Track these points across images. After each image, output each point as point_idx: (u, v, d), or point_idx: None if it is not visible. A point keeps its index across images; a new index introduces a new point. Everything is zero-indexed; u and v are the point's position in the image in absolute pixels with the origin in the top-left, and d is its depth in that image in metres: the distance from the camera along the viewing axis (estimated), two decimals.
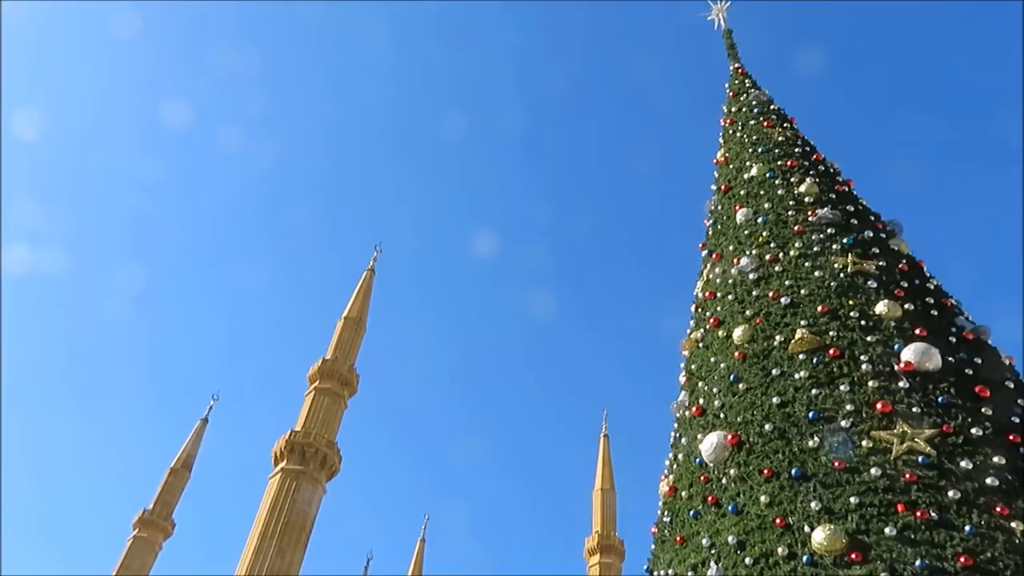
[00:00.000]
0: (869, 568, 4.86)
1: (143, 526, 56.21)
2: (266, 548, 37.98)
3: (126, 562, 54.45)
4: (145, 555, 55.33)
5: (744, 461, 6.15)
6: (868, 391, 6.03)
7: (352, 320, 50.68)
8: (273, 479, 41.52)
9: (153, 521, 56.54)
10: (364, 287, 53.29)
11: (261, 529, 38.86)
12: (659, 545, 6.72)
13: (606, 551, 54.48)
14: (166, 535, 57.60)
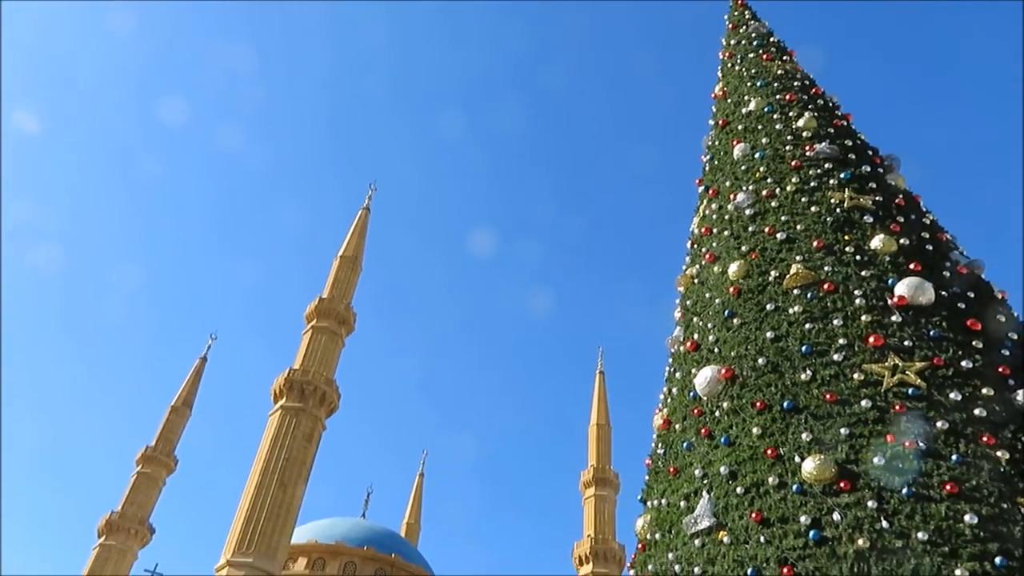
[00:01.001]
0: (857, 496, 4.98)
1: (146, 462, 57.15)
2: (268, 483, 38.69)
3: (130, 497, 55.55)
4: (149, 490, 56.40)
5: (737, 394, 6.24)
6: (861, 325, 6.08)
7: (348, 259, 50.60)
8: (273, 416, 42.05)
9: (156, 457, 57.46)
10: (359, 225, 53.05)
11: (262, 465, 39.52)
12: (653, 476, 6.86)
13: (601, 484, 55.67)
14: (169, 471, 58.62)
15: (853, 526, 4.82)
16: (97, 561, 52.50)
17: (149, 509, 56.18)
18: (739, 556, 5.15)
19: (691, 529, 5.65)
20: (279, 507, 38.23)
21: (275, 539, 37.47)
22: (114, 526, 53.62)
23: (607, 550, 52.19)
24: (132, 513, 54.55)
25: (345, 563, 48.61)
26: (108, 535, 53.44)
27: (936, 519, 4.69)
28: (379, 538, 52.46)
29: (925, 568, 4.48)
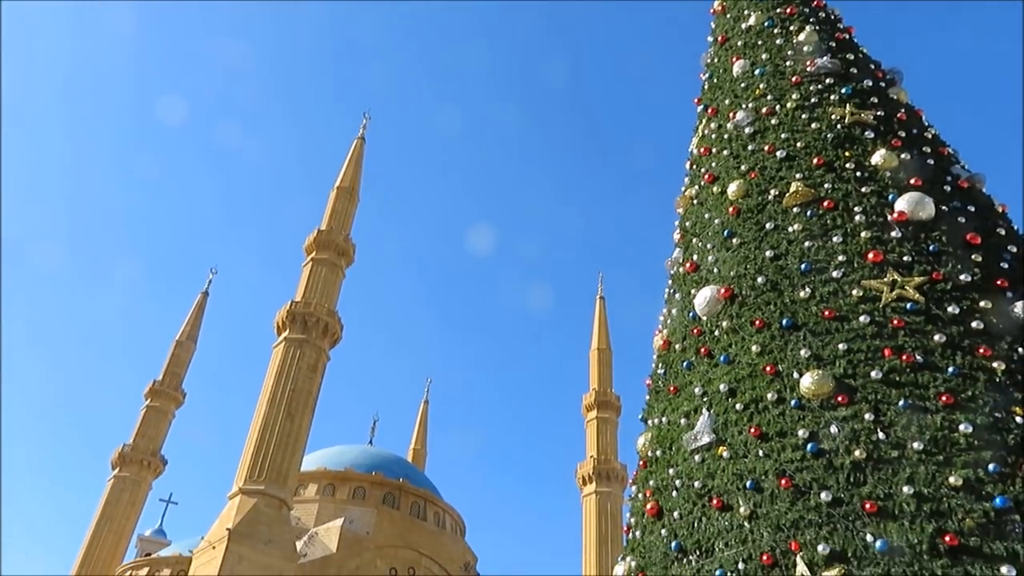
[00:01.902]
0: (854, 409, 5.07)
1: (154, 396, 58.07)
2: (275, 413, 39.37)
3: (141, 430, 56.64)
4: (159, 423, 57.48)
5: (736, 313, 6.28)
6: (860, 241, 6.07)
7: (345, 190, 50.25)
8: (277, 348, 42.47)
9: (164, 391, 58.36)
10: (355, 156, 52.49)
11: (269, 396, 40.13)
12: (653, 396, 6.97)
13: (603, 406, 56.67)
14: (177, 404, 59.62)
15: (850, 438, 4.92)
16: (113, 492, 53.89)
17: (160, 441, 57.35)
18: (738, 470, 5.27)
19: (691, 445, 5.77)
20: (287, 436, 39.00)
21: (285, 467, 38.35)
22: (127, 458, 54.83)
23: (609, 470, 53.49)
24: (144, 445, 55.71)
25: (354, 488, 49.87)
26: (122, 467, 54.71)
27: (932, 429, 4.78)
28: (386, 464, 53.69)
29: (920, 476, 4.59)
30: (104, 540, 51.83)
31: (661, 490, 5.90)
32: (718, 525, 5.15)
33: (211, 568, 34.35)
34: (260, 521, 35.97)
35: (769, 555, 4.69)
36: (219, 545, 34.73)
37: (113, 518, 52.73)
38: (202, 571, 35.15)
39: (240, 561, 34.35)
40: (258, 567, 34.78)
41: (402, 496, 50.61)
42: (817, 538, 4.57)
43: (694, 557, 5.19)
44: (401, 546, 46.99)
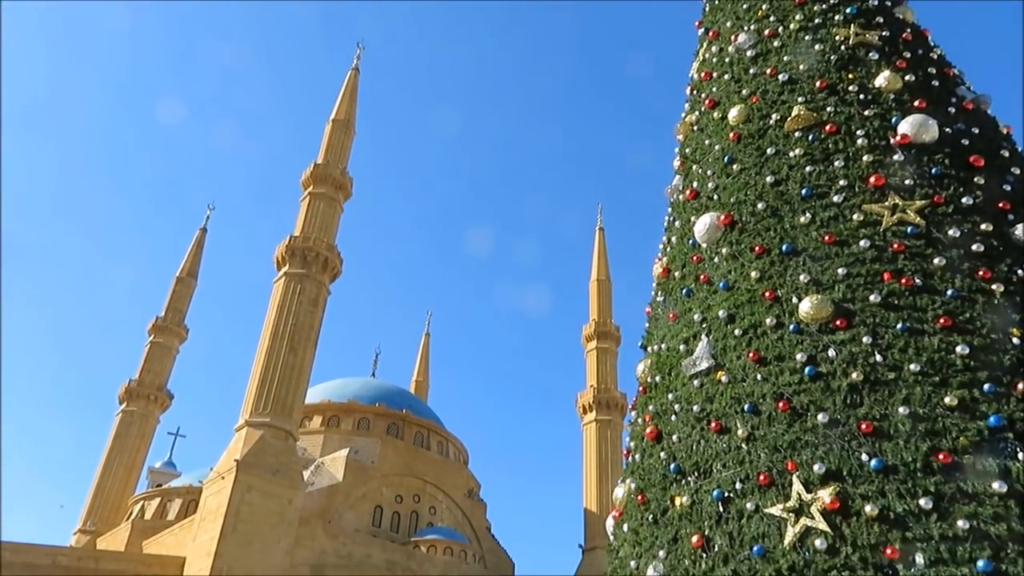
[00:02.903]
0: (852, 333, 5.10)
1: (158, 332, 58.51)
2: (278, 347, 39.74)
3: (146, 365, 57.26)
4: (163, 358, 58.07)
5: (736, 240, 6.26)
6: (862, 165, 6.01)
7: (340, 123, 49.58)
8: (277, 283, 42.59)
9: (167, 327, 58.78)
10: (349, 87, 51.59)
11: (271, 330, 40.43)
12: (652, 323, 7.01)
13: (603, 337, 57.17)
14: (181, 340, 60.11)
15: (847, 361, 4.97)
16: (121, 425, 54.83)
17: (165, 376, 58.06)
18: (736, 393, 5.34)
19: (690, 371, 5.82)
20: (291, 370, 39.45)
21: (289, 400, 38.92)
22: (133, 393, 55.60)
23: (609, 399, 54.31)
24: (150, 380, 56.43)
25: (358, 420, 50.73)
26: (129, 402, 55.52)
27: (929, 351, 4.83)
28: (389, 395, 54.47)
29: (916, 397, 4.65)
30: (115, 472, 52.98)
31: (660, 415, 5.99)
32: (716, 447, 5.24)
33: (221, 497, 35.20)
34: (267, 452, 36.69)
35: (766, 475, 4.79)
36: (228, 475, 35.51)
37: (123, 451, 53.79)
38: (212, 500, 36.03)
39: (249, 490, 35.17)
40: (267, 496, 35.64)
41: (406, 426, 51.50)
42: (813, 458, 4.66)
43: (692, 478, 5.30)
44: (406, 474, 48.06)
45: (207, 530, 35.14)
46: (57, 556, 37.65)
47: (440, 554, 43.36)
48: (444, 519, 48.00)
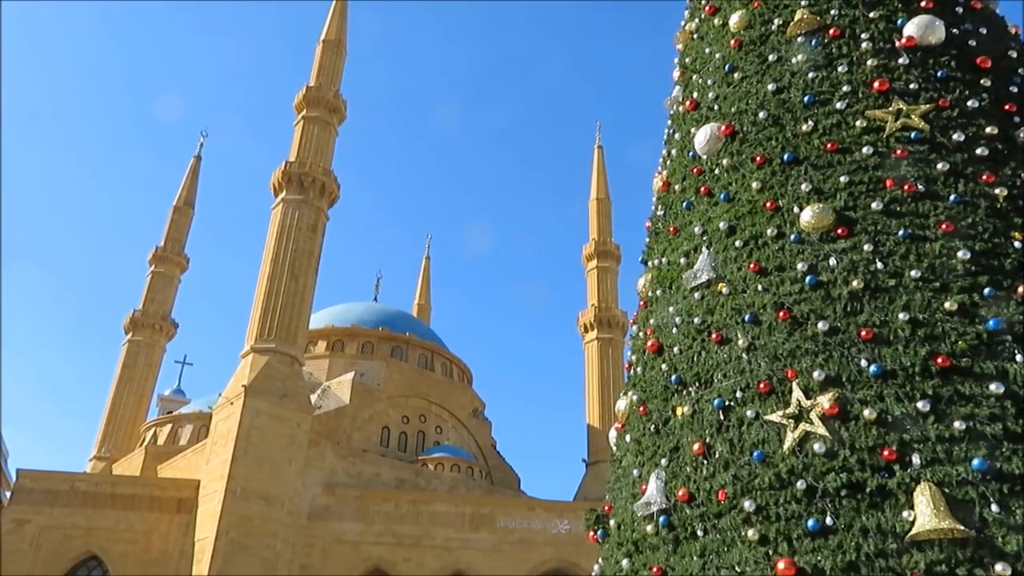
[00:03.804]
0: (854, 241, 5.08)
1: (158, 262, 58.59)
2: (279, 274, 39.83)
3: (149, 295, 57.56)
4: (166, 288, 58.32)
5: (737, 150, 6.18)
6: (866, 70, 5.87)
7: (331, 43, 48.37)
8: (275, 210, 42.37)
9: (167, 257, 58.82)
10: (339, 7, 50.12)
11: (271, 257, 40.45)
12: (653, 237, 6.98)
13: (603, 256, 57.21)
14: (182, 269, 60.24)
15: (848, 269, 4.96)
16: (129, 355, 55.51)
17: (169, 306, 58.44)
18: (737, 304, 5.35)
19: (691, 283, 5.83)
20: (293, 296, 39.66)
21: (293, 325, 39.26)
22: (138, 323, 56.08)
23: (610, 317, 54.73)
24: (153, 310, 56.82)
25: (362, 344, 51.29)
26: (134, 332, 56.05)
27: (930, 257, 4.81)
28: (392, 319, 54.91)
29: (915, 303, 4.66)
30: (126, 401, 53.91)
31: (661, 328, 6.03)
32: (717, 358, 5.29)
33: (231, 422, 35.91)
34: (274, 377, 37.23)
35: (766, 383, 4.85)
36: (236, 401, 36.14)
37: (132, 380, 54.60)
38: (223, 425, 36.77)
39: (258, 415, 35.85)
40: (276, 419, 36.35)
41: (409, 349, 52.11)
42: (813, 365, 4.71)
43: (693, 388, 5.37)
44: (411, 396, 48.91)
45: (219, 454, 35.99)
46: (75, 482, 38.68)
47: (447, 471, 44.52)
48: (450, 438, 49.10)
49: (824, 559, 4.11)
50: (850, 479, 4.25)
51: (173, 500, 37.31)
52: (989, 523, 3.88)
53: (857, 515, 4.15)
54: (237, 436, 34.95)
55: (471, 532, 37.26)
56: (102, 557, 36.40)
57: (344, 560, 36.06)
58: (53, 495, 36.90)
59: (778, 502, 4.42)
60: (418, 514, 37.48)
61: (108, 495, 37.71)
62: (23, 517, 36.26)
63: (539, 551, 37.01)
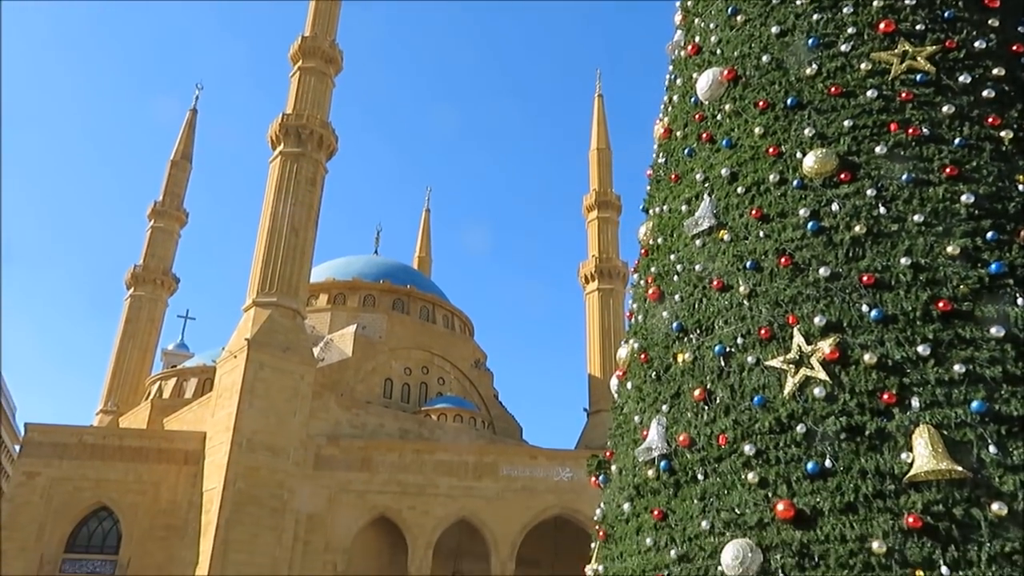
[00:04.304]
0: (856, 186, 5.04)
1: (157, 217, 58.36)
2: (279, 228, 39.72)
3: (149, 250, 57.49)
4: (166, 243, 58.22)
5: (739, 96, 6.09)
6: (872, 11, 5.75)
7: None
8: (273, 163, 42.05)
9: (166, 212, 58.56)
10: None
11: (271, 211, 40.28)
12: (654, 185, 6.93)
13: (603, 207, 56.93)
14: (181, 223, 60.04)
15: (851, 214, 4.94)
16: (131, 310, 55.68)
17: (170, 261, 58.41)
18: (738, 251, 5.34)
19: (692, 231, 5.81)
20: (293, 250, 39.61)
21: (294, 279, 39.30)
22: (139, 278, 56.12)
23: (611, 268, 54.70)
24: (154, 265, 56.81)
25: (364, 297, 51.38)
26: (136, 287, 56.12)
27: (933, 201, 4.78)
28: (393, 272, 54.93)
29: (918, 247, 4.65)
30: (130, 355, 54.25)
31: (663, 276, 6.03)
32: (718, 305, 5.30)
33: (235, 375, 36.19)
34: (276, 330, 37.41)
35: (767, 329, 4.86)
36: (240, 354, 36.37)
37: (135, 335, 54.86)
38: (227, 378, 37.07)
39: (261, 368, 36.12)
40: (279, 372, 36.63)
41: (411, 301, 52.23)
42: (814, 311, 4.72)
43: (694, 336, 5.39)
44: (413, 347, 49.19)
45: (224, 406, 36.36)
46: (83, 435, 39.17)
47: (450, 421, 45.03)
48: (452, 389, 49.53)
49: (823, 500, 4.18)
50: (849, 422, 4.30)
51: (180, 452, 37.82)
52: (986, 464, 3.93)
53: (856, 457, 4.20)
54: (242, 389, 35.26)
55: (475, 480, 37.85)
56: (112, 508, 37.07)
57: (350, 508, 36.71)
58: (62, 448, 37.42)
59: (778, 446, 4.48)
60: (422, 463, 38.02)
61: (116, 447, 38.22)
62: (33, 470, 36.82)
63: (541, 498, 37.64)
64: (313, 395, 38.04)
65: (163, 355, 60.01)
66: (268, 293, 38.33)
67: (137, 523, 36.62)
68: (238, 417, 34.81)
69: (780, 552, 4.19)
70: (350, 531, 36.43)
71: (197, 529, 34.64)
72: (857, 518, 4.05)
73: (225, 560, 32.72)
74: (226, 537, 33.05)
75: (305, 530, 35.79)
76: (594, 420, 50.15)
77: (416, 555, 36.22)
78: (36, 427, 38.57)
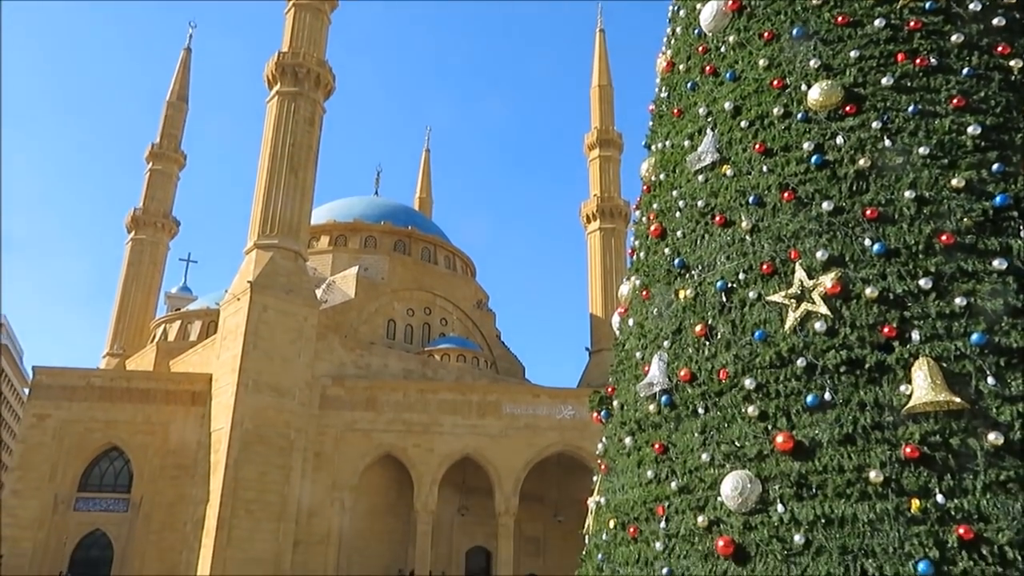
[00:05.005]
0: (862, 118, 4.97)
1: (155, 159, 57.89)
2: (278, 168, 39.41)
3: (149, 193, 57.20)
4: (165, 185, 57.88)
5: (744, 27, 5.96)
6: None
7: None
8: (271, 103, 41.48)
9: (164, 154, 58.05)
10: None
11: (269, 152, 39.91)
12: (656, 120, 6.84)
13: (605, 144, 56.32)
14: (180, 166, 59.59)
15: (855, 147, 4.88)
16: (133, 253, 55.71)
17: (169, 203, 58.16)
18: (741, 186, 5.30)
19: (695, 166, 5.75)
20: (293, 191, 39.38)
21: (295, 221, 39.18)
22: (140, 221, 55.97)
23: (613, 207, 54.41)
24: (154, 208, 56.59)
25: (365, 238, 51.31)
26: (137, 230, 56.02)
27: (939, 133, 4.72)
28: (394, 213, 54.72)
29: (922, 180, 4.61)
30: (134, 298, 54.48)
31: (664, 212, 5.99)
32: (720, 240, 5.28)
33: (239, 317, 36.40)
34: (278, 272, 37.48)
35: (769, 264, 4.85)
36: (243, 297, 36.50)
37: (138, 278, 55.00)
38: (231, 321, 37.30)
39: (265, 310, 36.30)
40: (283, 314, 36.83)
41: (412, 243, 52.17)
42: (816, 246, 4.70)
43: (696, 272, 5.38)
44: (415, 289, 49.34)
45: (229, 348, 36.67)
46: (90, 378, 39.62)
47: (453, 361, 45.44)
48: (455, 329, 49.85)
49: (821, 432, 4.23)
50: (850, 356, 4.32)
51: (187, 393, 38.31)
52: (985, 395, 3.97)
53: (855, 390, 4.24)
54: (246, 331, 35.51)
55: (478, 419, 38.40)
56: (123, 448, 37.74)
57: (356, 447, 37.36)
58: (71, 391, 37.89)
59: (778, 379, 4.52)
60: (426, 403, 38.52)
61: (124, 389, 38.71)
62: (43, 412, 37.37)
63: (544, 436, 38.23)
64: (317, 336, 38.32)
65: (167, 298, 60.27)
66: (269, 235, 38.26)
67: (147, 463, 37.32)
68: (243, 359, 35.14)
69: (778, 483, 4.27)
70: (357, 469, 37.14)
71: (207, 468, 35.31)
72: (855, 449, 4.11)
73: (235, 498, 33.45)
74: (236, 476, 33.71)
75: (313, 468, 36.49)
76: (596, 359, 50.58)
77: (422, 492, 37.00)
78: (44, 370, 38.99)
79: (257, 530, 33.70)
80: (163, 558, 35.54)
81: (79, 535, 36.43)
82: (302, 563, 34.66)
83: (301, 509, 35.54)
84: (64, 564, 35.39)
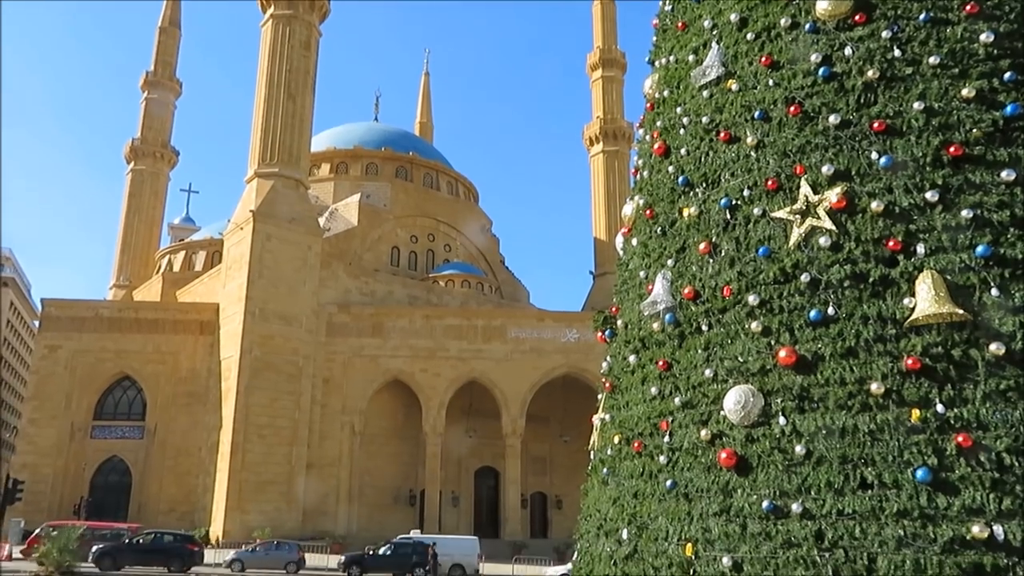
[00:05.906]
0: (872, 28, 4.84)
1: (151, 88, 56.95)
2: (276, 95, 38.79)
3: (146, 123, 56.50)
4: (162, 114, 57.09)
5: None
6: None
7: None
8: (265, 27, 40.53)
9: (159, 82, 57.07)
10: None
11: (266, 78, 39.21)
12: (660, 35, 6.67)
13: (608, 65, 55.16)
14: (176, 94, 58.65)
15: (864, 58, 4.76)
16: (134, 184, 55.43)
17: (167, 133, 57.52)
18: (747, 101, 5.20)
19: (699, 81, 5.64)
20: (292, 117, 38.86)
21: (295, 148, 38.80)
22: (138, 151, 55.49)
23: (616, 129, 53.68)
24: (152, 138, 56.01)
25: (366, 165, 50.85)
26: (136, 161, 55.59)
27: (951, 42, 4.60)
28: (395, 139, 54.07)
29: (932, 91, 4.51)
30: (137, 230, 54.48)
31: (668, 129, 5.90)
32: (725, 157, 5.21)
33: (243, 247, 36.46)
34: (280, 201, 37.34)
35: (774, 180, 4.81)
36: (246, 226, 36.48)
37: (140, 209, 54.86)
38: (235, 250, 37.37)
39: (268, 239, 36.32)
40: (286, 243, 36.86)
41: (414, 169, 51.72)
42: (822, 160, 4.64)
43: (700, 189, 5.34)
44: (418, 215, 49.16)
45: (235, 277, 36.86)
46: (99, 309, 40.00)
47: (458, 287, 45.65)
48: (459, 255, 49.89)
49: (824, 346, 4.27)
50: (854, 270, 4.32)
51: (195, 323, 38.71)
52: (988, 307, 3.98)
53: (859, 304, 4.26)
54: (250, 260, 35.63)
55: (484, 343, 38.82)
56: (135, 377, 38.40)
57: (364, 372, 37.92)
58: (80, 322, 38.30)
59: (782, 295, 4.53)
60: (432, 328, 38.89)
61: (132, 320, 39.11)
62: (54, 343, 37.87)
63: (549, 359, 38.71)
64: (321, 264, 38.46)
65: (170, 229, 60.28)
66: (269, 164, 37.96)
67: (160, 391, 38.02)
68: (249, 288, 35.37)
69: (780, 396, 4.33)
70: (365, 394, 37.81)
71: (218, 395, 35.97)
72: (857, 362, 4.15)
73: (248, 423, 34.18)
74: (247, 402, 34.37)
75: (322, 393, 37.15)
76: (600, 282, 50.76)
77: (430, 415, 37.73)
78: (53, 302, 39.33)
79: (270, 454, 34.57)
80: (180, 482, 36.58)
81: (97, 461, 37.46)
82: (315, 485, 35.65)
83: (312, 433, 36.34)
84: (85, 489, 36.50)
